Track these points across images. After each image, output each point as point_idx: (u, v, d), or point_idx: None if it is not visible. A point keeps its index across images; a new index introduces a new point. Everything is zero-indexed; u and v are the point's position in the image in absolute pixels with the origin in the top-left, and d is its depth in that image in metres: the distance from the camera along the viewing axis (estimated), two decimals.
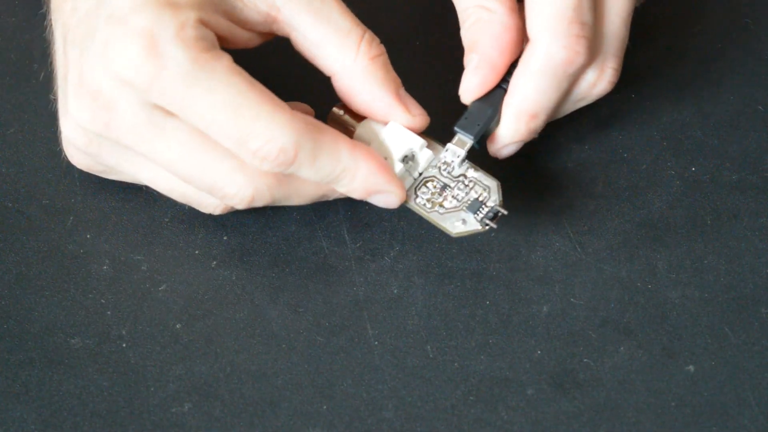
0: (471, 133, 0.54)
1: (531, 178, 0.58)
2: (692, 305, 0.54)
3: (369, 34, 0.53)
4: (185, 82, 0.48)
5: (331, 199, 0.54)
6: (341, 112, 0.55)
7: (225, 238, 0.56)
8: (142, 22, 0.48)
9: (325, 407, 0.51)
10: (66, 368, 0.52)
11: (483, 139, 0.55)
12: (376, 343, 0.53)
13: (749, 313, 0.54)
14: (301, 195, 0.53)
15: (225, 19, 0.51)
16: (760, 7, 0.65)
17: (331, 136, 0.51)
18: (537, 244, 0.56)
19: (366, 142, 0.54)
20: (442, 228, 0.53)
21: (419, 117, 0.54)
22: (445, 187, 0.54)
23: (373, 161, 0.52)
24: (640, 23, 0.63)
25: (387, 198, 0.53)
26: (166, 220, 0.56)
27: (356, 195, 0.53)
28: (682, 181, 0.58)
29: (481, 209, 0.53)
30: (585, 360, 0.53)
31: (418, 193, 0.54)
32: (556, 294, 0.54)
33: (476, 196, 0.54)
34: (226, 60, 0.49)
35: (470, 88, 0.54)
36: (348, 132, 0.55)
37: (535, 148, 0.58)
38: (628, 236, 0.56)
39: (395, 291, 0.54)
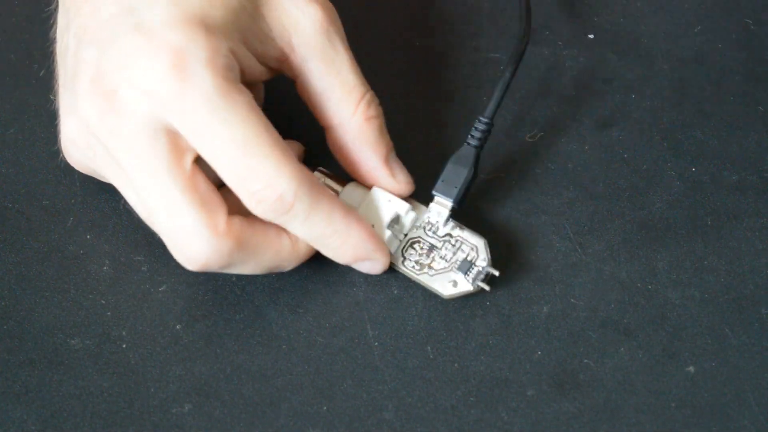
0: (450, 197, 0.55)
1: (531, 178, 0.58)
2: (692, 306, 0.54)
3: (370, 95, 0.54)
4: (206, 108, 0.48)
5: (284, 270, 0.53)
6: (322, 176, 0.56)
7: None
8: (174, 39, 0.48)
9: (325, 408, 0.51)
10: (66, 369, 0.52)
11: (464, 199, 0.55)
12: (376, 343, 0.53)
13: (749, 314, 0.54)
14: (258, 263, 0.51)
15: (247, 51, 0.51)
16: (760, 7, 0.65)
17: (329, 197, 0.51)
18: (537, 245, 0.56)
19: (351, 206, 0.54)
20: (432, 290, 0.54)
21: (404, 185, 0.55)
22: (432, 248, 0.54)
23: (364, 228, 0.52)
24: (640, 23, 0.64)
25: (373, 265, 0.53)
26: None
27: (342, 260, 0.53)
28: (683, 182, 0.58)
29: (470, 269, 0.53)
30: (585, 361, 0.53)
31: (406, 255, 0.54)
32: (557, 294, 0.54)
33: (464, 255, 0.54)
34: (247, 96, 0.49)
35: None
36: None
37: (535, 149, 0.58)
38: (629, 237, 0.56)
39: (395, 291, 0.54)
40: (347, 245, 0.52)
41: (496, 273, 0.53)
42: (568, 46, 0.63)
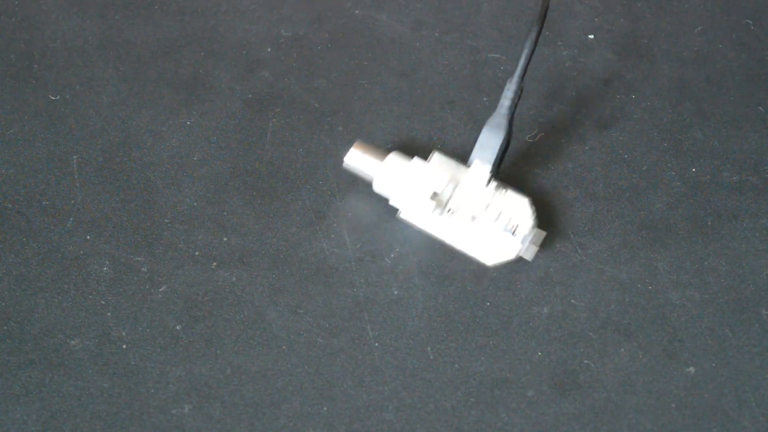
0: (488, 162, 0.55)
1: (531, 178, 0.58)
2: (693, 306, 0.54)
3: None
4: None
5: None
6: (362, 147, 0.56)
7: (225, 239, 0.55)
8: None
9: (325, 408, 0.51)
10: (66, 369, 0.52)
11: (501, 163, 0.56)
12: (377, 344, 0.53)
13: (750, 315, 0.54)
14: None
15: None
16: (760, 7, 0.65)
17: None
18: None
19: (389, 181, 0.55)
20: (476, 259, 0.54)
21: None
22: (473, 215, 0.54)
23: None
24: (640, 23, 0.64)
25: None
26: (167, 221, 0.56)
27: None
28: (683, 182, 0.58)
29: (514, 234, 0.54)
30: (585, 361, 0.53)
31: (448, 222, 0.54)
32: (557, 295, 0.54)
33: (507, 221, 0.54)
34: None
35: None
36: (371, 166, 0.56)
37: (535, 149, 0.58)
38: (629, 237, 0.56)
39: (395, 292, 0.54)
40: None
41: (543, 232, 0.54)
42: (568, 47, 0.63)
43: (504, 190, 0.55)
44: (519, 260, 0.54)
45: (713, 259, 0.55)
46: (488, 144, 0.55)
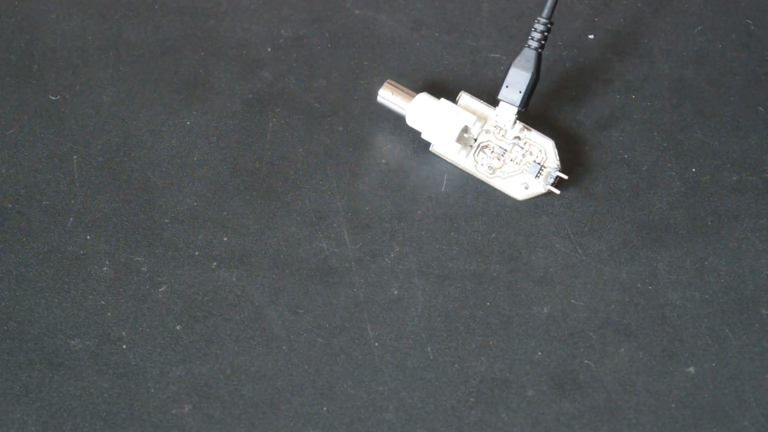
0: (515, 101, 0.57)
1: None
2: (693, 306, 0.54)
3: None
4: None
5: None
6: (391, 87, 0.59)
7: (225, 239, 0.55)
8: None
9: (325, 408, 0.51)
10: (66, 370, 0.52)
11: (529, 101, 0.57)
12: (377, 344, 0.53)
13: (750, 315, 0.54)
14: None
15: None
16: (760, 7, 0.65)
17: None
18: (537, 246, 0.56)
19: (419, 118, 0.57)
20: (506, 193, 0.56)
21: None
22: (502, 151, 0.57)
23: None
24: (640, 23, 0.64)
25: None
26: (166, 221, 0.56)
27: None
28: (683, 182, 0.58)
29: (541, 171, 0.56)
30: (585, 361, 0.53)
31: (477, 159, 0.57)
32: (557, 295, 0.54)
33: (533, 157, 0.56)
34: None
35: None
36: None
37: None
38: (629, 237, 0.56)
39: (395, 292, 0.54)
40: None
41: (565, 177, 0.56)
42: (568, 47, 0.63)
43: (529, 131, 0.57)
44: (546, 197, 0.56)
45: (713, 259, 0.55)
46: (515, 83, 0.57)
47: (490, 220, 0.56)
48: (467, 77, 0.62)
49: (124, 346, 0.53)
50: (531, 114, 0.59)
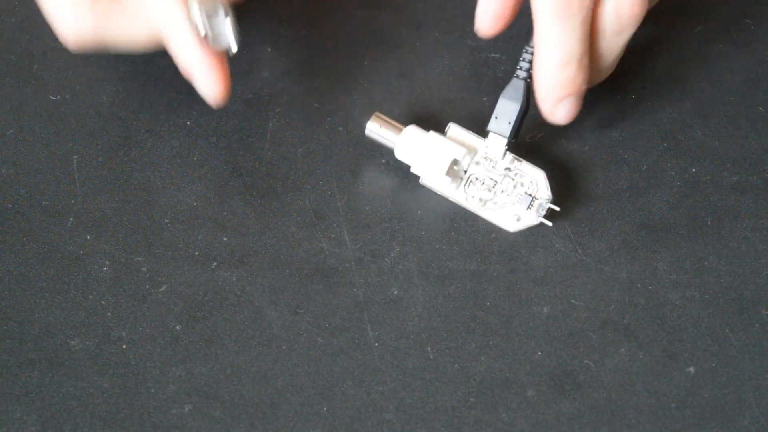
0: (505, 132, 0.56)
1: None
2: (693, 306, 0.54)
3: None
4: None
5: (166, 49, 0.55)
6: (379, 120, 0.57)
7: (225, 239, 0.55)
8: None
9: (325, 409, 0.51)
10: (66, 370, 0.52)
11: (519, 131, 0.57)
12: (377, 344, 0.53)
13: (750, 315, 0.54)
14: (130, 38, 0.55)
15: None
16: (760, 7, 0.65)
17: None
18: (537, 246, 0.56)
19: (408, 151, 0.56)
20: (498, 225, 0.55)
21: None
22: (492, 183, 0.56)
23: (198, 51, 0.54)
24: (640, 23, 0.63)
25: (204, 85, 0.55)
26: (166, 221, 0.56)
27: (182, 60, 0.55)
28: (683, 182, 0.58)
29: (532, 203, 0.55)
30: (585, 361, 0.53)
31: (468, 191, 0.56)
32: (557, 295, 0.54)
33: (525, 189, 0.55)
34: None
35: (485, 24, 0.55)
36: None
37: (536, 149, 0.58)
38: (629, 237, 0.56)
39: (395, 292, 0.54)
40: (187, 40, 0.54)
41: (557, 208, 0.55)
42: None
43: (519, 162, 0.56)
44: (537, 228, 0.56)
45: (713, 259, 0.55)
46: (505, 113, 0.56)
47: None
48: (467, 77, 0.62)
49: (124, 346, 0.53)
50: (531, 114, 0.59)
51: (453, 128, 0.57)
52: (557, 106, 0.55)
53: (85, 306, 0.54)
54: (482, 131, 0.57)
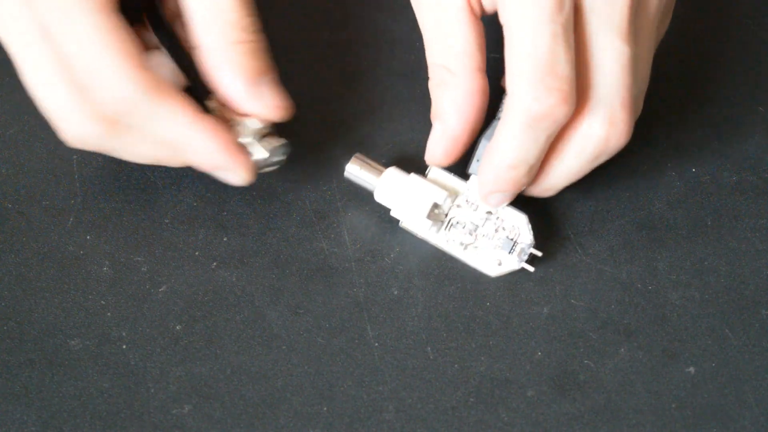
0: None
1: None
2: (693, 306, 0.54)
3: (248, 20, 0.52)
4: (49, 4, 0.49)
5: (173, 165, 0.54)
6: (359, 162, 0.56)
7: (225, 239, 0.55)
8: None
9: (325, 409, 0.51)
10: (66, 370, 0.52)
11: None
12: (377, 344, 0.53)
13: (750, 315, 0.54)
14: (133, 152, 0.53)
15: None
16: (760, 7, 0.65)
17: (174, 103, 0.51)
18: (537, 245, 0.56)
19: (388, 194, 0.55)
20: (479, 269, 0.54)
21: (272, 109, 0.53)
22: (473, 226, 0.55)
23: (216, 138, 0.51)
24: None
25: (229, 177, 0.53)
26: (167, 221, 0.56)
27: (201, 168, 0.53)
28: (683, 182, 0.58)
29: (514, 248, 0.54)
30: (585, 361, 0.53)
31: (448, 235, 0.55)
32: (557, 295, 0.54)
33: (506, 233, 0.54)
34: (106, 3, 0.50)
35: (436, 157, 0.54)
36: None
37: None
38: (629, 237, 0.56)
39: (395, 292, 0.54)
40: (198, 154, 0.52)
41: (539, 254, 0.54)
42: None
43: (502, 206, 0.55)
44: (521, 269, 0.54)
45: (713, 259, 0.55)
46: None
47: None
48: None
49: (124, 346, 0.53)
50: None
51: (434, 170, 0.55)
52: (493, 195, 0.53)
53: (85, 306, 0.54)
54: (464, 175, 0.56)
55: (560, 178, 0.53)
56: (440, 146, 0.53)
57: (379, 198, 0.56)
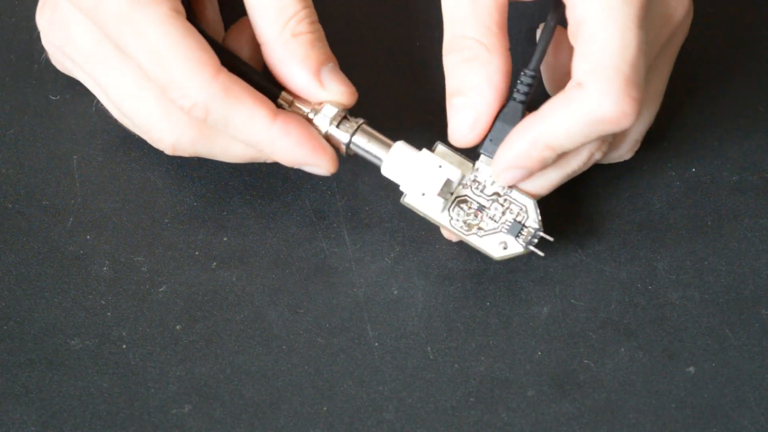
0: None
1: None
2: (692, 306, 0.54)
3: (305, 12, 0.53)
4: (119, 20, 0.50)
5: (269, 161, 0.55)
6: (366, 134, 0.54)
7: (225, 239, 0.55)
8: None
9: (325, 408, 0.51)
10: (66, 369, 0.52)
11: None
12: (377, 344, 0.53)
13: (750, 314, 0.54)
14: (227, 154, 0.54)
15: None
16: (760, 7, 0.65)
17: (250, 105, 0.51)
18: (537, 244, 0.55)
19: (398, 170, 0.53)
20: (482, 251, 0.53)
21: (339, 94, 0.54)
22: (480, 207, 0.53)
23: (297, 134, 0.52)
24: None
25: (314, 170, 0.53)
26: (167, 221, 0.56)
27: (285, 164, 0.53)
28: (683, 182, 0.58)
29: (521, 231, 0.53)
30: (585, 361, 0.53)
31: (453, 214, 0.53)
32: (557, 295, 0.54)
33: (514, 216, 0.53)
34: (165, 7, 0.50)
35: (463, 134, 0.52)
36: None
37: None
38: (629, 237, 0.56)
39: (395, 292, 0.54)
40: (279, 151, 0.52)
41: (550, 238, 0.53)
42: None
43: (510, 188, 0.54)
44: (526, 255, 0.54)
45: (713, 259, 0.55)
46: (500, 137, 0.52)
47: None
48: None
49: (124, 346, 0.53)
50: None
51: (440, 148, 0.54)
52: (510, 171, 0.52)
53: (85, 306, 0.54)
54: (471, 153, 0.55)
55: (555, 157, 0.52)
56: (467, 123, 0.52)
57: (386, 172, 0.54)
